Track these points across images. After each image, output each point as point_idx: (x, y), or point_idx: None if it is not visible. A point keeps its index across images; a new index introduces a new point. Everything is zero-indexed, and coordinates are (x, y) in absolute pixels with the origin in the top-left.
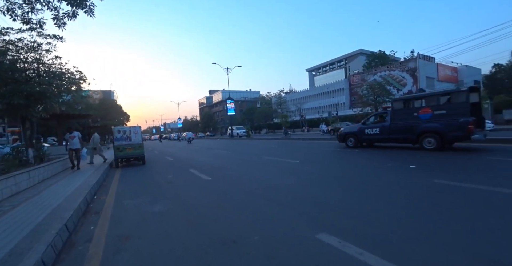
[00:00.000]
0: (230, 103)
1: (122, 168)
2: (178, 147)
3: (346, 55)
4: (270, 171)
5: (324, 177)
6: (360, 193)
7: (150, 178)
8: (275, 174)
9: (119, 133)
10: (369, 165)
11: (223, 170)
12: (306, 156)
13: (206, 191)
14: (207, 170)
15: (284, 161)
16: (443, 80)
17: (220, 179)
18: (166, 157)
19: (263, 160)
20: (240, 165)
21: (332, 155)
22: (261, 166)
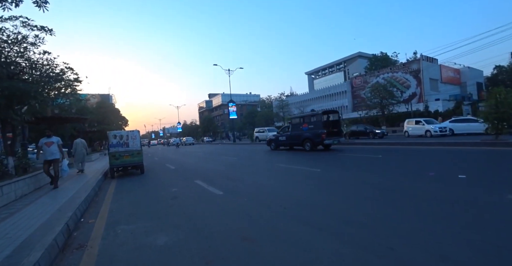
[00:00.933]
0: (232, 106)
1: (118, 178)
2: (180, 153)
3: (345, 58)
4: (291, 182)
5: (362, 191)
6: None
7: (151, 192)
8: (298, 186)
9: (115, 139)
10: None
11: (234, 181)
12: (321, 163)
13: (221, 210)
14: (215, 181)
15: (303, 169)
16: (446, 82)
17: (234, 193)
18: (167, 165)
19: (278, 168)
20: (252, 174)
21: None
22: (278, 176)
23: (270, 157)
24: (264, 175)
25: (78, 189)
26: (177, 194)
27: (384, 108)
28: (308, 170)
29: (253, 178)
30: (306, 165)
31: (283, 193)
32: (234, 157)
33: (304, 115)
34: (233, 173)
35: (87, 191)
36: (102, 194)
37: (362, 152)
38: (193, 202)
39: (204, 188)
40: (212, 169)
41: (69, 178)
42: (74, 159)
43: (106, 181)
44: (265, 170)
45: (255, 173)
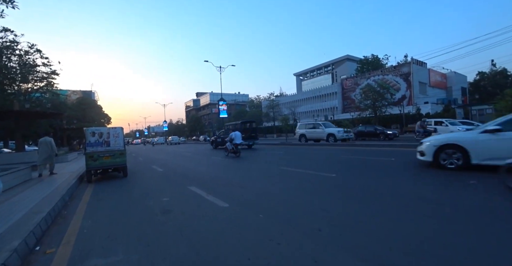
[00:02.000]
0: (222, 104)
1: (97, 183)
2: (166, 153)
3: (333, 60)
4: (307, 190)
5: (396, 202)
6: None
7: (136, 202)
8: (320, 195)
9: (93, 136)
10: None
11: (237, 187)
12: (333, 166)
13: (233, 233)
14: (214, 187)
15: (315, 174)
16: (434, 86)
17: (242, 205)
18: (154, 167)
19: (284, 172)
20: (256, 179)
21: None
22: (286, 181)
23: (266, 159)
24: (270, 181)
25: (41, 199)
26: (169, 205)
27: (377, 109)
28: (319, 175)
29: (259, 184)
30: (313, 169)
31: (306, 205)
32: (229, 158)
33: (232, 123)
34: (233, 178)
35: (52, 203)
36: (74, 204)
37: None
38: (192, 218)
39: (203, 198)
40: (206, 172)
41: (35, 183)
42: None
43: (81, 187)
44: (269, 175)
45: (258, 178)
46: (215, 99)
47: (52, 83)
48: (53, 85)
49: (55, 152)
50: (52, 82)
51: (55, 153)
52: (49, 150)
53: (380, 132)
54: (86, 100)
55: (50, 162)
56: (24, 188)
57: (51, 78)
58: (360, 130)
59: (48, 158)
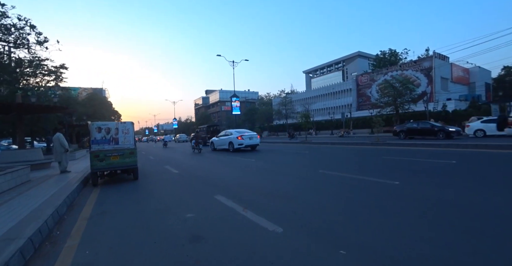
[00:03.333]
0: (235, 101)
1: (103, 187)
2: (177, 151)
3: (344, 57)
4: (383, 205)
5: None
6: None
7: (151, 219)
8: (403, 213)
9: (99, 132)
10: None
11: (283, 199)
12: (389, 170)
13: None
14: (251, 198)
15: (371, 181)
16: (456, 81)
17: (305, 230)
18: (167, 167)
19: (329, 178)
20: (302, 188)
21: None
22: (344, 191)
23: (297, 161)
24: (319, 190)
25: (29, 212)
26: (197, 227)
27: (399, 106)
28: (377, 182)
29: (308, 195)
30: (362, 173)
31: (399, 233)
32: (252, 159)
33: (203, 127)
34: (268, 184)
35: (40, 220)
36: (71, 219)
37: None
38: (238, 252)
39: (241, 215)
40: (230, 176)
41: (32, 186)
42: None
43: (84, 191)
44: (311, 181)
45: (301, 186)
46: (225, 97)
47: (61, 77)
48: (61, 79)
49: (65, 148)
50: (61, 76)
51: (66, 149)
52: (58, 146)
53: (439, 129)
54: (96, 96)
55: (60, 159)
56: (16, 194)
57: (60, 72)
58: (410, 127)
59: (61, 155)
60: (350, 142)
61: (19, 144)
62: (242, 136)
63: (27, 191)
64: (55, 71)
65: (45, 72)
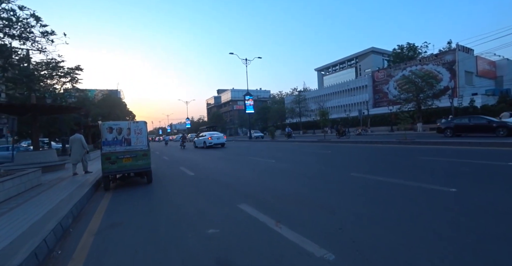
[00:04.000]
0: (248, 99)
1: (115, 192)
2: (192, 151)
3: (357, 53)
4: (457, 223)
5: None
6: None
7: (167, 236)
8: (476, 230)
9: (110, 133)
10: None
11: (322, 210)
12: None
13: None
14: (282, 208)
15: (418, 186)
16: (482, 75)
17: (363, 257)
18: (182, 169)
19: (364, 182)
20: (339, 196)
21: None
22: (389, 200)
23: (323, 162)
24: (358, 197)
25: (30, 225)
26: (224, 249)
27: (421, 102)
28: (427, 189)
29: (354, 206)
30: (402, 177)
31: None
32: (271, 159)
33: (203, 127)
34: (300, 191)
35: (40, 236)
36: (77, 233)
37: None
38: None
39: (274, 232)
40: (253, 180)
41: (41, 190)
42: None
43: (95, 197)
44: (345, 186)
45: (337, 192)
46: (237, 96)
47: (76, 78)
48: (77, 80)
49: (86, 150)
50: (76, 77)
51: (86, 150)
52: (80, 147)
53: (498, 124)
54: (110, 97)
55: (81, 160)
56: (22, 201)
57: (75, 74)
58: (459, 123)
59: (79, 156)
60: (374, 140)
61: (33, 145)
62: (212, 137)
63: (35, 197)
64: (71, 72)
65: (61, 74)
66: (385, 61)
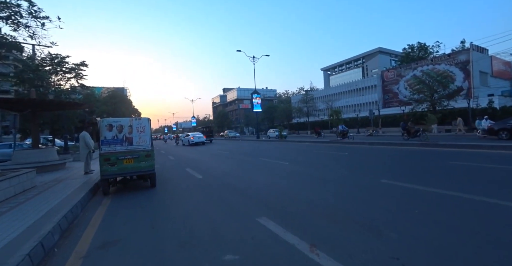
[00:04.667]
0: (256, 97)
1: (114, 196)
2: (198, 151)
3: (364, 53)
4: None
5: None
6: None
7: (175, 259)
8: None
9: (110, 131)
10: None
11: (362, 228)
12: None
13: None
14: (313, 223)
15: (472, 200)
16: (497, 76)
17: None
18: (189, 171)
19: (402, 192)
20: (373, 206)
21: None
22: (441, 215)
23: (339, 163)
24: (406, 213)
25: (6, 243)
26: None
27: (436, 103)
28: (486, 203)
29: (402, 223)
30: (448, 187)
31: None
32: (284, 161)
33: (200, 127)
34: (325, 199)
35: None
36: (62, 255)
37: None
38: None
39: (307, 258)
40: (269, 186)
41: (33, 195)
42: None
43: (92, 203)
44: (381, 196)
45: (373, 202)
46: (243, 95)
47: (81, 74)
48: (82, 76)
49: (91, 148)
50: (81, 73)
51: (91, 149)
52: (82, 146)
53: None
54: (116, 94)
55: (84, 160)
56: (6, 210)
57: (80, 70)
58: (503, 127)
59: (83, 155)
60: (391, 142)
61: (33, 143)
62: (193, 136)
63: (22, 204)
64: (75, 68)
65: (66, 70)
66: (393, 62)
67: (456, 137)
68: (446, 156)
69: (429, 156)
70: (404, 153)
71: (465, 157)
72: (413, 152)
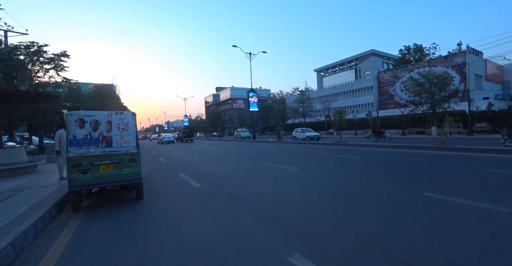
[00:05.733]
0: (253, 96)
1: (87, 213)
2: (192, 152)
3: (357, 55)
4: None
5: None
6: None
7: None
8: None
9: (81, 128)
10: None
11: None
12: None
13: None
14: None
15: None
16: (490, 79)
17: None
18: (183, 176)
19: (454, 210)
20: (431, 231)
21: None
22: None
23: (355, 169)
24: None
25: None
26: None
27: (436, 105)
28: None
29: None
30: (494, 201)
31: None
32: (292, 166)
33: (181, 128)
34: (364, 218)
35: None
36: None
37: None
38: None
39: None
40: (287, 200)
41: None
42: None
43: (54, 225)
44: (431, 212)
45: (429, 226)
46: (236, 94)
47: (62, 66)
48: (62, 68)
49: (56, 149)
50: (62, 64)
51: (56, 149)
52: (56, 146)
53: None
54: (103, 89)
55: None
56: None
57: (61, 60)
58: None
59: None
60: (401, 145)
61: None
62: (165, 136)
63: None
64: (55, 59)
65: (44, 60)
66: (385, 64)
67: (430, 140)
68: (476, 162)
69: (457, 162)
70: (424, 157)
71: (498, 163)
72: (434, 157)
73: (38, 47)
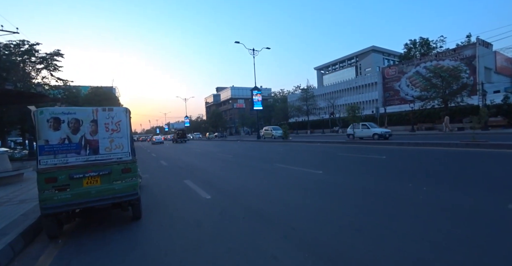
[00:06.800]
0: (257, 94)
1: (66, 243)
2: (197, 154)
3: (357, 52)
4: None
5: None
6: None
7: None
8: None
9: (55, 130)
10: None
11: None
12: None
13: None
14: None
15: None
16: (500, 72)
17: None
18: (189, 184)
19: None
20: None
21: None
22: None
23: (384, 172)
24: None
25: None
26: None
27: (450, 99)
28: None
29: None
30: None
31: None
32: (314, 169)
33: (174, 130)
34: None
35: None
36: None
37: None
38: None
39: None
40: (330, 217)
41: None
42: None
43: (21, 259)
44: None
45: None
46: (237, 94)
47: (55, 66)
48: (55, 68)
49: None
50: (55, 64)
51: None
52: None
53: None
54: (100, 91)
55: None
56: None
57: (55, 60)
58: None
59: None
60: (426, 142)
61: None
62: (155, 138)
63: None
64: (48, 58)
65: (37, 60)
66: (386, 60)
67: (447, 135)
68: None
69: (505, 161)
70: (466, 156)
71: None
72: (477, 156)
73: (29, 46)
